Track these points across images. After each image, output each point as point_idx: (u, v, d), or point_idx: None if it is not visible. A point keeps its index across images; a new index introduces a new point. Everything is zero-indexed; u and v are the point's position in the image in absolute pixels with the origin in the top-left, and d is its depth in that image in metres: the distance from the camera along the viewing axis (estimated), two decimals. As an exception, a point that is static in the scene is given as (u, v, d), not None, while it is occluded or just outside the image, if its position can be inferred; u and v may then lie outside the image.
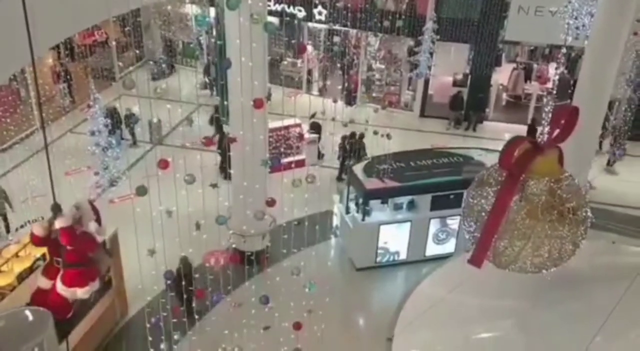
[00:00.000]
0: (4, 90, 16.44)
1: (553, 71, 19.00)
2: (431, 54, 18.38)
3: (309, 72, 21.85)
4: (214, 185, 7.38)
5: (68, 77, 19.51)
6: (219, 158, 14.42)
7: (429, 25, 17.84)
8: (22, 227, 11.63)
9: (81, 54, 20.30)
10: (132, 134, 17.08)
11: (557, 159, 5.04)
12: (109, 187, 13.55)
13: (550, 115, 10.74)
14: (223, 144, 14.45)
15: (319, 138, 16.87)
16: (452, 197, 12.03)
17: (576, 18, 14.02)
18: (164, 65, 22.08)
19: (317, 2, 19.86)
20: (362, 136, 14.97)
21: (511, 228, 5.02)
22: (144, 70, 21.79)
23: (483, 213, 5.17)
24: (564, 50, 12.01)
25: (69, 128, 17.00)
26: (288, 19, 20.07)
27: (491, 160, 10.41)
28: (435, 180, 12.43)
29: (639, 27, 15.78)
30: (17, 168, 13.99)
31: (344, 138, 15.65)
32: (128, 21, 20.37)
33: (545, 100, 17.47)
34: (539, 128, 14.16)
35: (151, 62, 22.28)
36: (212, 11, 19.73)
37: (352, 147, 15.25)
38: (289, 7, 20.15)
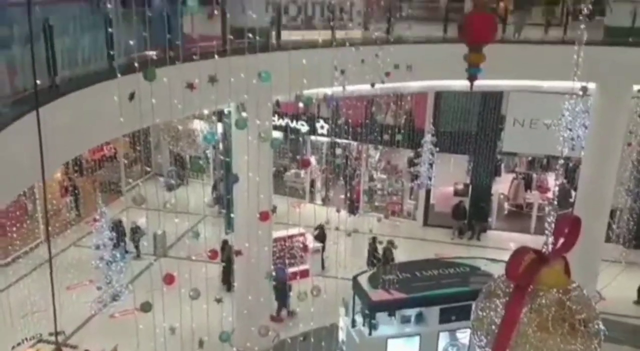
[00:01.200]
0: (12, 205, 16.69)
1: (552, 181, 19.37)
2: (431, 165, 18.83)
3: (312, 183, 22.29)
4: (219, 300, 7.29)
5: (75, 191, 19.87)
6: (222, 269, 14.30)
7: (428, 138, 18.43)
8: (18, 344, 11.33)
9: (89, 169, 20.84)
10: (137, 247, 17.08)
11: (564, 269, 5.03)
12: (111, 301, 13.34)
13: (552, 225, 10.81)
14: (226, 255, 14.44)
15: (323, 247, 16.84)
16: (460, 309, 11.79)
17: (570, 130, 14.52)
18: (174, 178, 22.51)
19: (319, 117, 20.76)
20: (392, 243, 14.93)
21: (523, 342, 4.88)
22: (152, 183, 22.22)
23: (493, 326, 5.06)
24: (561, 161, 12.29)
25: (73, 242, 17.04)
26: (293, 136, 20.87)
27: (498, 270, 10.31)
28: (443, 291, 12.23)
29: (632, 138, 16.29)
30: (19, 282, 13.88)
31: (372, 245, 15.59)
32: (139, 138, 21.08)
33: (547, 209, 17.63)
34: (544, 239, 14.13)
35: (161, 176, 22.74)
36: (219, 126, 20.56)
37: (384, 254, 15.14)
38: (292, 121, 21.04)
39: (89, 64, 8.02)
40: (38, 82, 6.61)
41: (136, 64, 5.36)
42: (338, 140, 21.19)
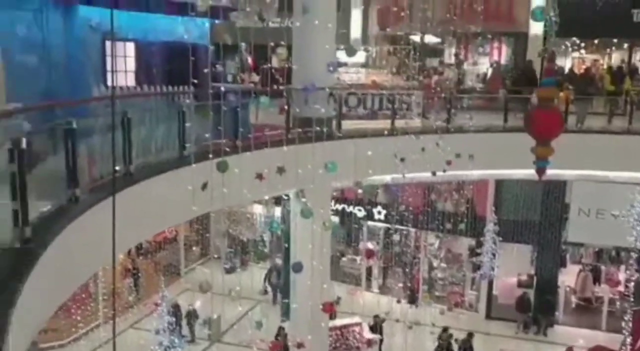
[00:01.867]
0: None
1: (623, 273, 18.36)
2: (493, 254, 18.27)
3: (369, 270, 21.91)
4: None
5: (136, 272, 20.23)
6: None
7: (490, 226, 18.02)
8: None
9: (150, 250, 21.32)
10: (192, 331, 17.02)
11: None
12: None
13: (630, 323, 10.14)
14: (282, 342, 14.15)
15: (381, 340, 16.25)
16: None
17: (641, 221, 13.93)
18: (233, 261, 22.69)
19: (376, 202, 20.74)
20: (471, 335, 14.32)
21: None
22: (209, 266, 22.43)
23: None
24: (634, 254, 11.75)
25: (131, 324, 17.17)
26: (352, 223, 20.88)
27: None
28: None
29: None
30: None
31: (445, 339, 15.01)
32: (200, 221, 21.56)
33: (619, 305, 16.64)
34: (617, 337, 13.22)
35: (222, 257, 22.95)
36: (277, 210, 20.83)
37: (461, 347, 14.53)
38: (349, 206, 21.09)
39: (161, 153, 8.40)
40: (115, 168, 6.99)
41: (210, 155, 5.55)
42: (396, 227, 20.98)
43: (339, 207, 20.88)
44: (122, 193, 6.80)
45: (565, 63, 20.93)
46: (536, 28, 18.90)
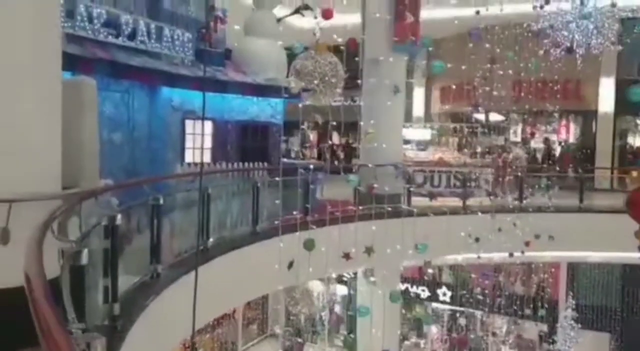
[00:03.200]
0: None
1: None
2: (569, 342, 17.09)
3: (434, 355, 20.88)
4: None
5: (195, 349, 19.94)
6: None
7: (568, 312, 16.96)
8: None
9: (209, 326, 21.05)
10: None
11: None
12: None
13: None
14: None
15: None
16: None
17: None
18: (292, 340, 22.16)
19: (442, 282, 20.04)
20: None
21: None
22: (267, 344, 21.95)
23: None
24: None
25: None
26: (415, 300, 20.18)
27: None
28: None
29: None
30: None
31: None
32: (260, 298, 21.32)
33: None
34: None
35: (280, 336, 22.49)
36: (339, 288, 20.37)
37: None
38: (412, 286, 20.43)
39: (235, 228, 8.43)
40: (188, 245, 7.03)
41: (297, 233, 5.47)
42: (462, 309, 20.11)
43: (402, 286, 20.26)
44: (200, 268, 6.78)
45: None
46: (606, 106, 18.56)
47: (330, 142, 25.57)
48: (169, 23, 9.63)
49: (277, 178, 9.71)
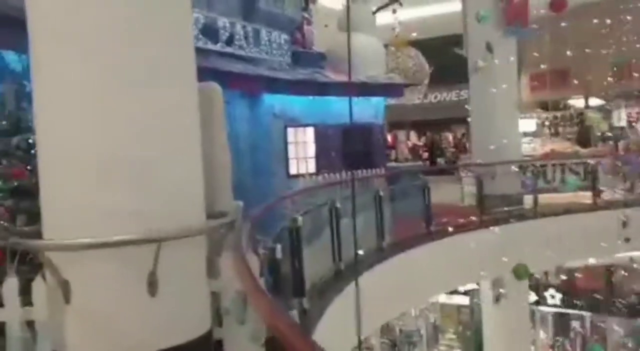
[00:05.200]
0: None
1: None
2: None
3: (548, 362, 19.29)
4: None
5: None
6: None
7: None
8: None
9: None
10: None
11: None
12: None
13: None
14: None
15: None
16: None
17: None
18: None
19: (550, 283, 18.51)
20: None
21: None
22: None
23: None
24: None
25: None
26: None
27: None
28: None
29: None
30: None
31: None
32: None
33: None
34: None
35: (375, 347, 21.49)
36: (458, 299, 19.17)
37: None
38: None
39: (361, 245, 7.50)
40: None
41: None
42: (571, 311, 18.49)
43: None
44: (343, 294, 5.96)
45: None
46: None
47: (409, 142, 24.42)
48: (265, 24, 8.84)
49: (390, 186, 8.87)
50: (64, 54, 3.35)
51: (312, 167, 9.99)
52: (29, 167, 4.29)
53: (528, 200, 11.38)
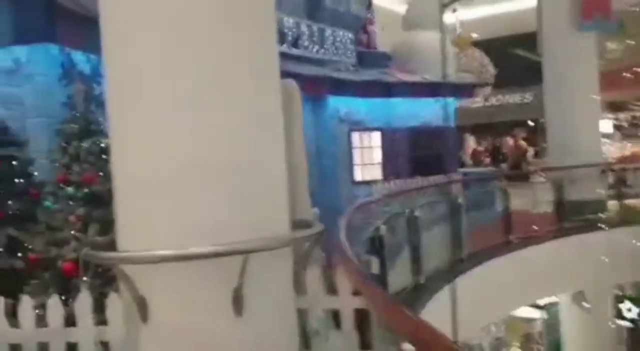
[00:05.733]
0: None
1: None
2: None
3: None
4: None
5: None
6: None
7: None
8: None
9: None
10: None
11: None
12: None
13: None
14: None
15: None
16: None
17: None
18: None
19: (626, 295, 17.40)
20: None
21: None
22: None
23: None
24: None
25: None
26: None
27: None
28: None
29: None
30: None
31: None
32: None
33: None
34: None
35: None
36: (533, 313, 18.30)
37: None
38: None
39: (439, 256, 7.01)
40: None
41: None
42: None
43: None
44: (425, 310, 5.51)
45: None
46: None
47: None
48: (330, 23, 8.48)
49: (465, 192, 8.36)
50: (141, 53, 3.03)
51: (378, 173, 9.53)
52: (100, 173, 4.04)
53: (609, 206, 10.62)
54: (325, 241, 3.75)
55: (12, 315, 3.29)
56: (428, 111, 9.78)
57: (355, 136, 9.38)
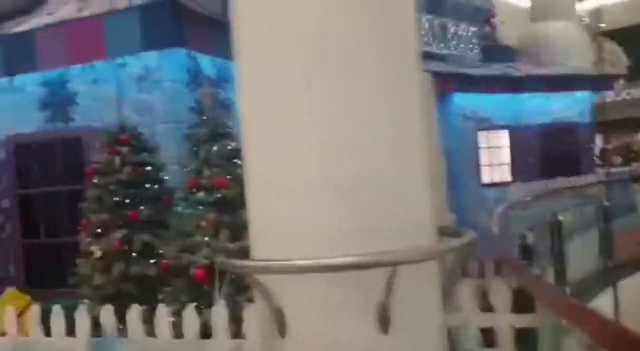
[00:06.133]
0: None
1: None
2: None
3: None
4: None
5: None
6: None
7: None
8: None
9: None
10: None
11: None
12: None
13: None
14: None
15: None
16: None
17: None
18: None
19: None
20: None
21: None
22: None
23: None
24: None
25: None
26: None
27: None
28: None
29: None
30: None
31: None
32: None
33: None
34: None
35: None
36: None
37: None
38: None
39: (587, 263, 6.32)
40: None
41: None
42: None
43: None
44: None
45: None
46: None
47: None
48: (452, 17, 8.01)
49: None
50: (277, 57, 2.81)
51: (507, 175, 8.89)
52: (229, 177, 3.93)
53: None
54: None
55: (149, 322, 3.23)
56: (561, 106, 8.99)
57: (483, 136, 8.82)
